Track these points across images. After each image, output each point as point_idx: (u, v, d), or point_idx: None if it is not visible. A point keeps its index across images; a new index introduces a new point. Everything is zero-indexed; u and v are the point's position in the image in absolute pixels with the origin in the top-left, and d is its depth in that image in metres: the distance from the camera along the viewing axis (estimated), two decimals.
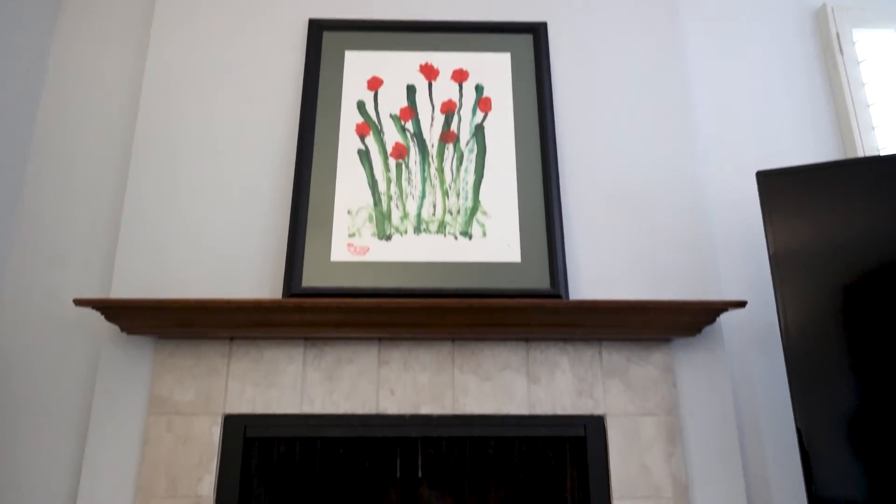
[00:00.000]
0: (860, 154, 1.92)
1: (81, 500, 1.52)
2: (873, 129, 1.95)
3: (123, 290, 1.67)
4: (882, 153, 1.92)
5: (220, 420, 1.59)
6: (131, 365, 1.62)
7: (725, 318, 1.77)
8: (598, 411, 1.62)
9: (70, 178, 1.86)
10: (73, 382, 1.68)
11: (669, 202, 1.80)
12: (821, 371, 1.40)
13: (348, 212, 1.74)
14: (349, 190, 1.76)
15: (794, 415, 1.40)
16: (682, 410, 1.64)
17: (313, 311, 1.53)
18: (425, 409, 1.61)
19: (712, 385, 1.66)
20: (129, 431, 1.58)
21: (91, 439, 1.57)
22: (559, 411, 1.62)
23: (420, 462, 1.71)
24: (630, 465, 1.58)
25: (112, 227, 1.81)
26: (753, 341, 1.76)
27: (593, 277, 1.73)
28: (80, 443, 1.63)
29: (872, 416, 1.34)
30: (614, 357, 1.66)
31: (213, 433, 1.57)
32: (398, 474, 1.70)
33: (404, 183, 1.78)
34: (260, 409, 1.59)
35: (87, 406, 1.66)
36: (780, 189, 1.56)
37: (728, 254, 1.84)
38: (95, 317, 1.73)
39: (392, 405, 1.61)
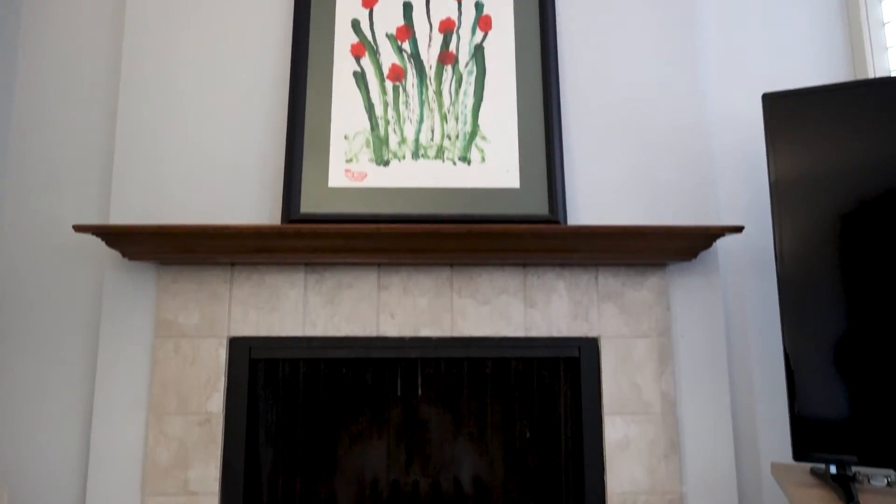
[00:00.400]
0: (871, 76, 1.87)
1: (97, 417, 1.60)
2: (887, 49, 1.88)
3: (122, 215, 1.67)
4: (895, 75, 1.86)
5: (225, 342, 1.63)
6: (135, 290, 1.65)
7: (721, 243, 1.79)
8: (592, 333, 1.67)
9: (59, 101, 1.81)
10: (79, 307, 1.71)
11: (671, 125, 1.77)
12: (812, 297, 1.43)
13: (345, 137, 1.71)
14: (345, 114, 1.72)
15: (783, 338, 1.44)
16: (674, 332, 1.69)
17: (312, 236, 1.54)
18: (425, 332, 1.65)
19: (705, 308, 1.69)
20: (138, 353, 1.63)
21: (101, 361, 1.62)
22: (555, 334, 1.66)
23: (420, 381, 1.78)
24: (621, 383, 1.64)
25: (106, 152, 1.79)
26: (748, 266, 1.79)
27: (592, 202, 1.73)
28: (91, 365, 1.68)
29: (858, 343, 1.38)
30: (610, 282, 1.69)
31: (220, 355, 1.63)
32: (399, 393, 1.77)
33: (402, 107, 1.74)
34: (263, 332, 1.64)
35: (94, 330, 1.70)
36: (786, 113, 1.52)
37: (728, 178, 1.83)
38: (96, 243, 1.74)
39: (392, 328, 1.65)
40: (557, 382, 1.74)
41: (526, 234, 1.54)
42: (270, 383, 1.74)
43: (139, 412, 1.60)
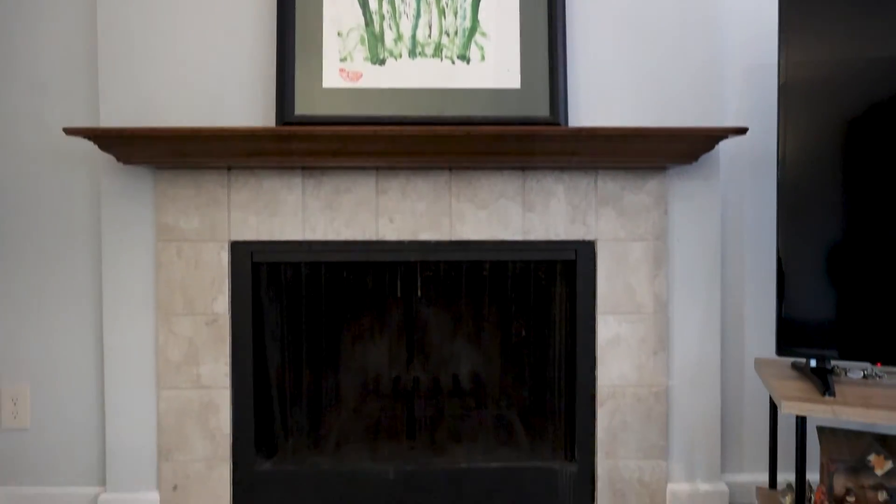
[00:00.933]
0: None
1: (107, 317, 1.65)
2: None
3: (112, 119, 1.63)
4: None
5: (226, 246, 1.66)
6: (133, 194, 1.65)
7: (723, 146, 1.76)
8: (589, 237, 1.69)
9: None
10: (77, 212, 1.71)
11: (680, 20, 1.68)
12: (810, 202, 1.43)
13: (338, 34, 1.63)
14: (338, 8, 1.63)
15: (777, 241, 1.46)
16: (670, 236, 1.70)
17: (308, 139, 1.51)
18: (423, 236, 1.67)
19: (703, 212, 1.70)
20: (141, 257, 1.65)
21: (105, 265, 1.65)
22: (552, 237, 1.68)
23: (419, 284, 1.82)
24: (616, 285, 1.69)
25: (92, 54, 1.71)
26: (749, 169, 1.77)
27: (594, 103, 1.68)
28: (96, 269, 1.71)
29: (851, 248, 1.39)
30: (609, 185, 1.68)
31: (222, 258, 1.65)
32: (399, 295, 1.82)
33: (397, 0, 1.64)
34: (264, 236, 1.65)
35: (95, 234, 1.71)
36: (804, 5, 1.44)
37: (734, 79, 1.77)
38: (89, 147, 1.71)
39: (391, 232, 1.67)
40: (553, 284, 1.78)
41: (526, 137, 1.51)
42: (273, 286, 1.78)
43: (147, 313, 1.66)
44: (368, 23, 1.63)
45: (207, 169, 1.64)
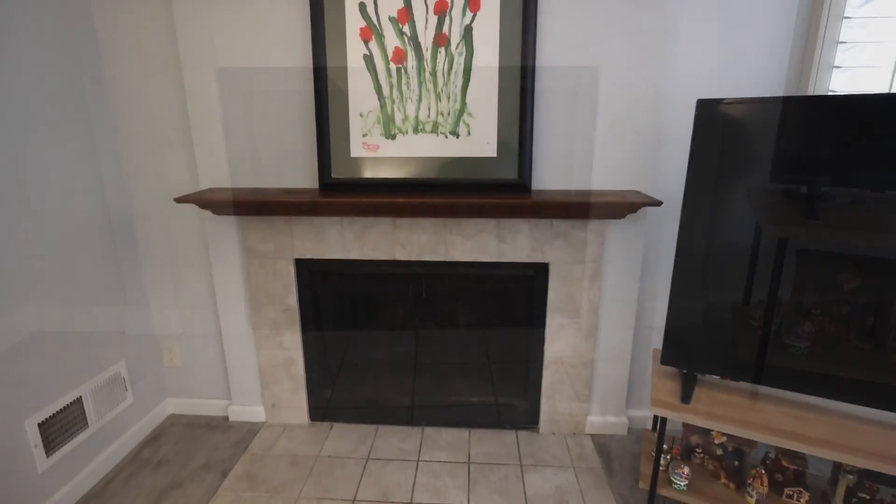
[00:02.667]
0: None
1: (221, 307, 2.50)
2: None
3: (204, 184, 2.30)
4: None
5: (292, 262, 2.41)
6: (227, 233, 2.38)
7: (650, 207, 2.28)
8: (545, 260, 2.34)
9: None
10: (188, 244, 2.47)
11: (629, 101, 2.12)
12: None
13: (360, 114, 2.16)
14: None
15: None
16: (605, 260, 2.34)
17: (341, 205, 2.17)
18: (426, 258, 2.36)
19: (629, 246, 2.30)
20: (235, 271, 2.44)
21: (216, 276, 2.45)
22: (518, 260, 2.35)
23: (423, 290, 2.56)
24: (562, 294, 2.38)
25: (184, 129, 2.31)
26: (664, 216, 2.32)
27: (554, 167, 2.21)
28: (209, 281, 2.51)
29: None
30: (562, 226, 2.29)
31: (290, 270, 2.42)
32: (410, 296, 2.57)
33: (404, 87, 2.13)
34: (318, 256, 2.39)
35: (202, 257, 2.48)
36: None
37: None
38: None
39: (403, 255, 2.37)
40: (517, 292, 2.49)
41: (499, 206, 2.11)
42: (326, 288, 2.55)
43: (243, 305, 2.49)
44: None
45: (275, 215, 2.33)
